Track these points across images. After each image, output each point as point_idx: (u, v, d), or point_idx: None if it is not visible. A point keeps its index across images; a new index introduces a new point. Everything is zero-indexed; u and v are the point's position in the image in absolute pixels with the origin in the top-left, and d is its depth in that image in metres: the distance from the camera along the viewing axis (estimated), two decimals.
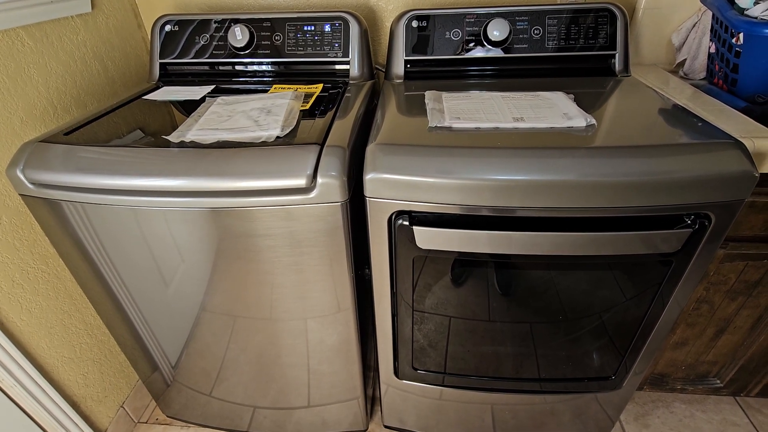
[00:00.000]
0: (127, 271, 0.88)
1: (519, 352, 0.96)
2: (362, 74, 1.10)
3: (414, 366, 1.02)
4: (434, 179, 0.70)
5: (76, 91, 1.06)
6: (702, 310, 1.00)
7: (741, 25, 0.87)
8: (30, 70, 0.93)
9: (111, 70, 1.17)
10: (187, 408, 1.20)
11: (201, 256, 0.83)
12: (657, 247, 0.74)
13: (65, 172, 0.75)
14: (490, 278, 0.84)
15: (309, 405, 1.11)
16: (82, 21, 1.07)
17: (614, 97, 0.91)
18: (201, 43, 1.12)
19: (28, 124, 0.93)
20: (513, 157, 0.70)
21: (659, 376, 1.16)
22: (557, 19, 1.03)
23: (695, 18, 1.09)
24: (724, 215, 0.72)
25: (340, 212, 0.75)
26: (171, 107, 0.97)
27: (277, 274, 0.84)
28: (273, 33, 1.10)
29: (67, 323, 1.05)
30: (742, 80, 0.93)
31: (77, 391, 1.08)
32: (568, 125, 0.77)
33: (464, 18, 1.06)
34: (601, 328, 0.91)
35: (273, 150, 0.74)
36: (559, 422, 1.12)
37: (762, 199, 0.81)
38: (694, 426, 1.22)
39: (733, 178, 0.67)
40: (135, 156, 0.75)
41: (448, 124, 0.79)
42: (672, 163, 0.67)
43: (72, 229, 0.83)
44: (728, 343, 1.07)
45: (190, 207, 0.76)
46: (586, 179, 0.68)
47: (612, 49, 1.04)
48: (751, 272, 0.92)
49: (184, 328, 0.97)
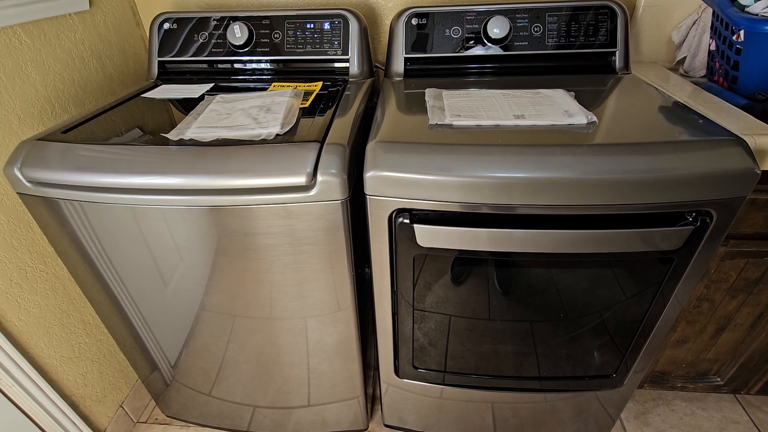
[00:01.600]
0: (126, 270, 0.88)
1: (519, 351, 0.96)
2: (362, 72, 1.10)
3: (414, 365, 1.02)
4: (435, 177, 0.70)
5: (74, 89, 1.05)
6: (702, 307, 1.00)
7: (742, 22, 0.87)
8: (27, 68, 0.93)
9: (109, 68, 1.17)
10: (187, 408, 1.20)
11: (200, 255, 0.83)
12: (658, 245, 0.73)
13: (63, 170, 0.74)
14: (490, 276, 0.84)
15: (309, 404, 1.11)
16: (80, 19, 1.07)
17: (615, 95, 0.91)
18: (200, 41, 1.12)
19: (25, 122, 0.92)
20: (514, 155, 0.69)
21: (660, 374, 1.16)
22: (557, 16, 1.03)
23: (695, 15, 1.09)
24: (726, 213, 0.72)
25: (341, 210, 0.75)
26: (170, 105, 0.97)
27: (277, 273, 0.84)
28: (272, 31, 1.10)
29: (66, 322, 1.04)
30: (743, 77, 0.92)
31: (76, 390, 1.08)
32: (569, 123, 0.77)
33: (464, 15, 1.05)
34: (602, 327, 0.90)
35: (273, 148, 0.74)
36: (559, 420, 1.12)
37: (763, 197, 0.81)
38: (694, 424, 1.22)
39: (734, 175, 0.67)
40: (134, 154, 0.75)
41: (448, 121, 0.79)
42: (673, 160, 0.67)
43: (70, 228, 0.82)
44: (729, 340, 1.07)
45: (189, 205, 0.75)
46: (588, 177, 0.67)
47: (612, 47, 1.04)
48: (751, 270, 0.92)
49: (184, 327, 0.97)
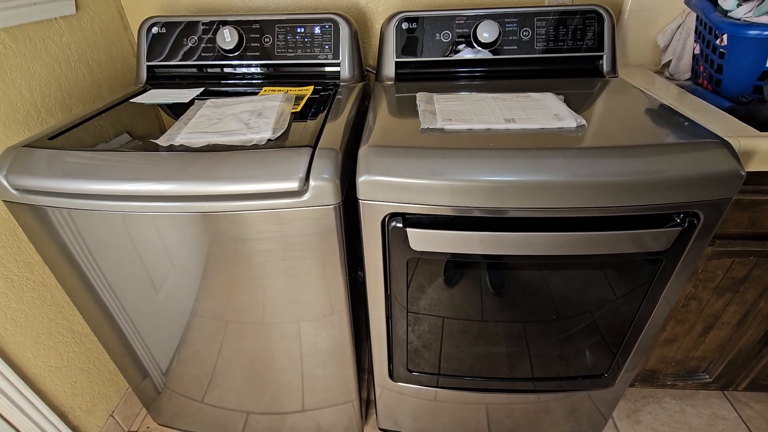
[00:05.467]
0: (116, 278, 0.86)
1: (512, 352, 0.97)
2: (353, 76, 1.10)
3: (409, 368, 1.02)
4: (427, 181, 0.70)
5: (61, 95, 1.04)
6: (691, 306, 1.02)
7: (725, 26, 0.89)
8: (12, 73, 0.91)
9: (96, 72, 1.15)
10: (179, 415, 1.18)
11: (191, 261, 0.82)
12: (647, 246, 0.75)
13: (50, 177, 0.73)
14: (483, 278, 0.85)
15: (303, 409, 1.10)
16: (66, 23, 1.05)
17: (603, 98, 0.92)
18: (189, 45, 1.11)
19: (10, 128, 0.91)
20: (505, 158, 0.70)
21: (650, 373, 1.18)
22: (546, 20, 1.04)
23: (680, 20, 1.11)
24: (712, 213, 0.73)
25: (333, 215, 0.75)
26: (159, 110, 0.96)
27: (270, 278, 0.83)
28: (262, 35, 1.09)
29: (54, 331, 1.02)
30: (726, 81, 0.94)
31: (65, 401, 1.06)
32: (559, 126, 0.78)
33: (454, 20, 1.06)
34: (594, 327, 0.91)
35: (264, 153, 0.73)
36: (553, 421, 1.13)
37: (747, 197, 0.83)
38: (684, 421, 1.24)
39: (720, 176, 0.68)
40: (123, 160, 0.74)
41: (440, 125, 0.79)
42: (662, 162, 0.68)
43: (58, 236, 0.81)
44: (716, 338, 1.09)
45: (179, 212, 0.75)
46: (578, 179, 0.68)
47: (599, 51, 1.05)
48: (737, 269, 0.94)
49: (175, 334, 0.96)
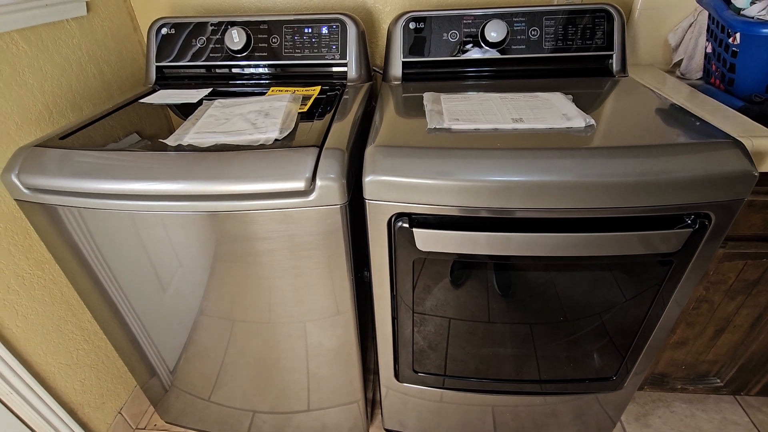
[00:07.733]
0: (125, 276, 0.87)
1: (519, 354, 0.96)
2: (360, 76, 1.10)
3: (414, 369, 1.01)
4: (434, 181, 0.70)
5: (72, 95, 1.05)
6: (702, 309, 1.00)
7: (738, 25, 0.87)
8: (25, 73, 0.93)
9: (107, 73, 1.17)
10: (186, 413, 1.19)
11: (199, 261, 0.82)
12: (657, 248, 0.74)
13: (61, 176, 0.74)
14: (489, 279, 0.84)
15: (309, 409, 1.11)
16: (77, 24, 1.07)
17: (612, 98, 0.91)
18: (197, 45, 1.12)
19: (23, 128, 0.92)
20: (513, 158, 0.69)
21: (659, 376, 1.16)
22: (554, 19, 1.03)
23: (691, 18, 1.10)
24: (724, 215, 0.72)
25: (340, 215, 0.75)
26: (168, 110, 0.96)
27: (276, 278, 0.84)
28: (270, 35, 1.10)
29: (64, 329, 1.04)
30: (739, 80, 0.93)
31: (74, 397, 1.07)
32: (568, 126, 0.77)
33: (461, 19, 1.06)
34: (602, 329, 0.90)
35: (271, 153, 0.74)
36: (560, 423, 1.11)
37: (761, 198, 0.81)
38: (694, 425, 1.22)
39: (732, 177, 0.67)
40: (132, 160, 0.74)
41: (447, 125, 0.79)
42: (672, 162, 0.67)
43: (68, 234, 0.82)
44: (728, 342, 1.07)
45: (187, 211, 0.75)
46: (586, 180, 0.67)
47: (609, 50, 1.04)
48: (750, 271, 0.92)
49: (182, 332, 0.97)
